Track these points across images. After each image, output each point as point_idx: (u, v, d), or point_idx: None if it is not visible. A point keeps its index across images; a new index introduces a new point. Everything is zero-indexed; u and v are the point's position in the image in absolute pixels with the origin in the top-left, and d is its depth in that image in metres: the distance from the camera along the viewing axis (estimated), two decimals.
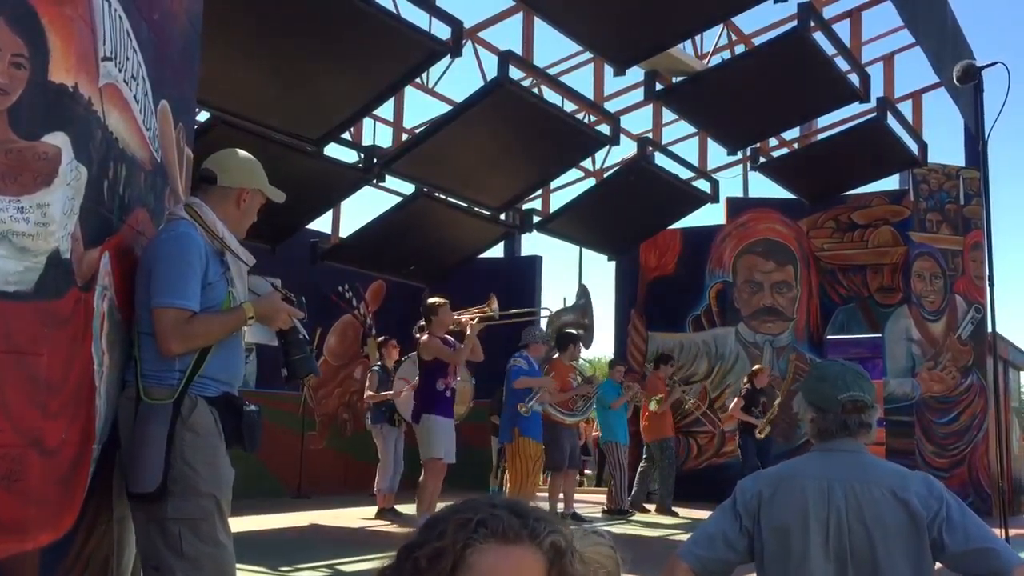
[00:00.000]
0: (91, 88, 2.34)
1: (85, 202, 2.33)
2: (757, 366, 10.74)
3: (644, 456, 10.42)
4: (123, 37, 2.58)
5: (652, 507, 10.36)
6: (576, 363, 8.93)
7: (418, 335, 7.21)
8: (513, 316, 7.66)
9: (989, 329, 12.05)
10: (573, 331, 8.65)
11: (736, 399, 10.16)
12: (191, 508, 2.63)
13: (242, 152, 3.07)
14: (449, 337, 7.07)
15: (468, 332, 6.83)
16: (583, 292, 8.82)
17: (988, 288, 5.74)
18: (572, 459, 8.83)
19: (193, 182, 3.27)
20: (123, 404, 2.68)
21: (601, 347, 71.01)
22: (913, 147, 11.48)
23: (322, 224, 11.31)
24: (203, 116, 8.67)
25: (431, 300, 7.15)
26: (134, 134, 2.70)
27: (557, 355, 8.81)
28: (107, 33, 2.45)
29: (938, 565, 2.21)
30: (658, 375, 10.45)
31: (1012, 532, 6.05)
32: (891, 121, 10.74)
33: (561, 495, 8.85)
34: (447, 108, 10.21)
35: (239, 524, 7.26)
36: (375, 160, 9.57)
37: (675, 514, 9.91)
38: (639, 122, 14.70)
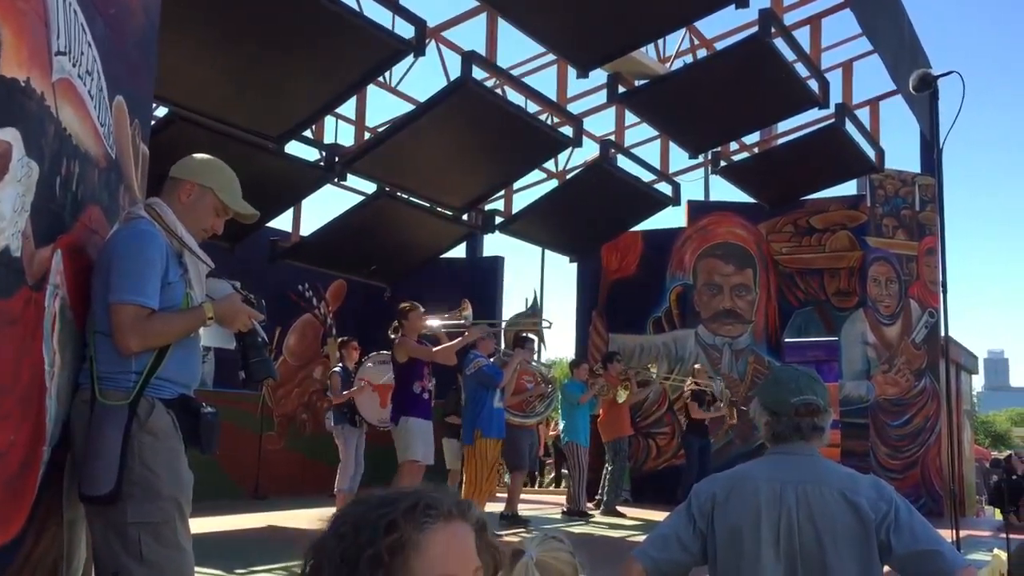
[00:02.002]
0: (44, 83, 2.30)
1: (36, 199, 2.29)
2: (697, 366, 10.95)
3: (606, 457, 10.42)
4: (78, 31, 2.54)
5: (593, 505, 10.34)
6: (532, 365, 8.94)
7: (393, 336, 7.20)
8: (490, 325, 7.67)
9: (942, 333, 12.31)
10: (527, 335, 8.68)
11: (692, 403, 10.29)
12: (152, 512, 2.60)
13: (208, 156, 3.03)
14: (421, 340, 7.07)
15: (467, 333, 6.97)
16: (534, 300, 8.89)
17: (941, 293, 5.84)
18: (528, 460, 8.88)
19: (150, 181, 3.23)
20: (77, 406, 2.64)
21: (562, 348, 71.21)
22: (871, 153, 11.65)
23: (282, 223, 11.24)
24: (162, 112, 8.58)
25: (403, 304, 7.17)
26: (88, 130, 2.66)
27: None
28: (61, 27, 2.41)
29: (887, 568, 2.24)
30: (610, 375, 10.52)
31: (963, 533, 6.17)
32: (849, 127, 10.89)
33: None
34: (410, 107, 10.18)
35: (195, 525, 7.17)
36: (336, 159, 9.52)
37: (621, 515, 9.87)
38: (602, 124, 14.69)
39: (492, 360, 8.01)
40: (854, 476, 2.30)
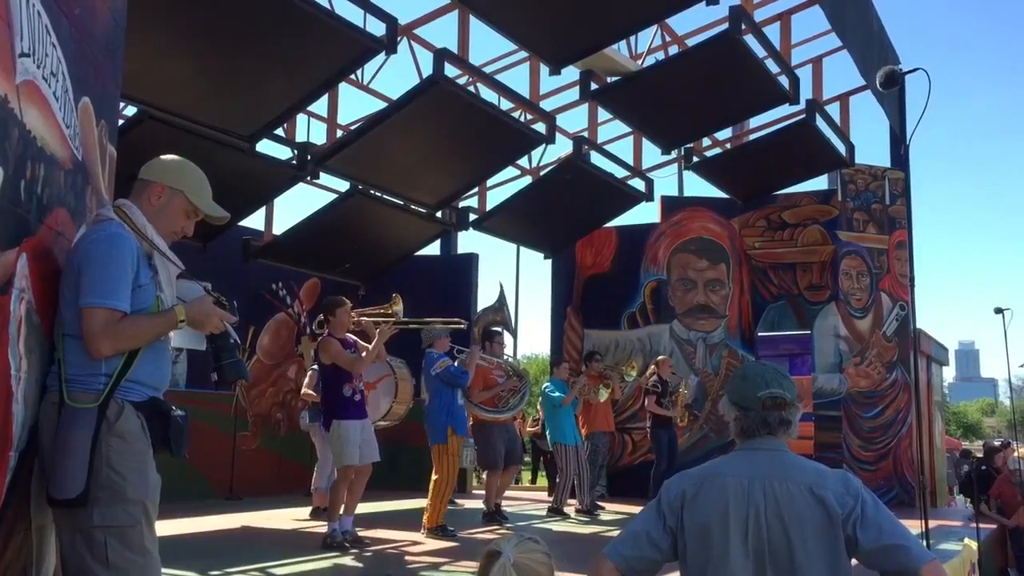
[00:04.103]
0: (7, 85, 2.28)
1: (1, 202, 2.27)
2: (661, 357, 10.95)
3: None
4: (42, 32, 2.52)
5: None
6: (503, 358, 8.95)
7: (320, 330, 7.14)
8: (417, 323, 7.60)
9: (913, 326, 12.44)
10: (496, 328, 8.67)
11: (650, 396, 10.29)
12: (118, 515, 2.58)
13: (179, 157, 3.01)
14: (351, 336, 6.96)
15: (377, 337, 6.73)
16: (500, 294, 8.86)
17: (910, 286, 5.91)
18: (511, 456, 8.83)
19: (118, 182, 3.21)
20: (45, 409, 2.62)
21: (538, 345, 71.32)
22: (841, 148, 11.76)
23: (255, 221, 11.18)
24: (130, 111, 8.51)
25: (330, 298, 7.05)
26: (53, 132, 2.63)
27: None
28: (24, 28, 2.39)
29: (854, 562, 2.27)
30: (591, 374, 10.52)
31: (934, 523, 6.26)
32: (820, 122, 10.98)
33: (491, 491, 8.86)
34: (382, 105, 10.16)
35: (168, 527, 7.15)
36: (309, 157, 9.48)
37: (592, 513, 9.77)
38: (575, 121, 14.82)
39: (456, 362, 8.01)
40: (821, 471, 2.32)
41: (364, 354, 6.77)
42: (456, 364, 7.93)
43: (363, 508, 7.21)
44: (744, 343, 12.24)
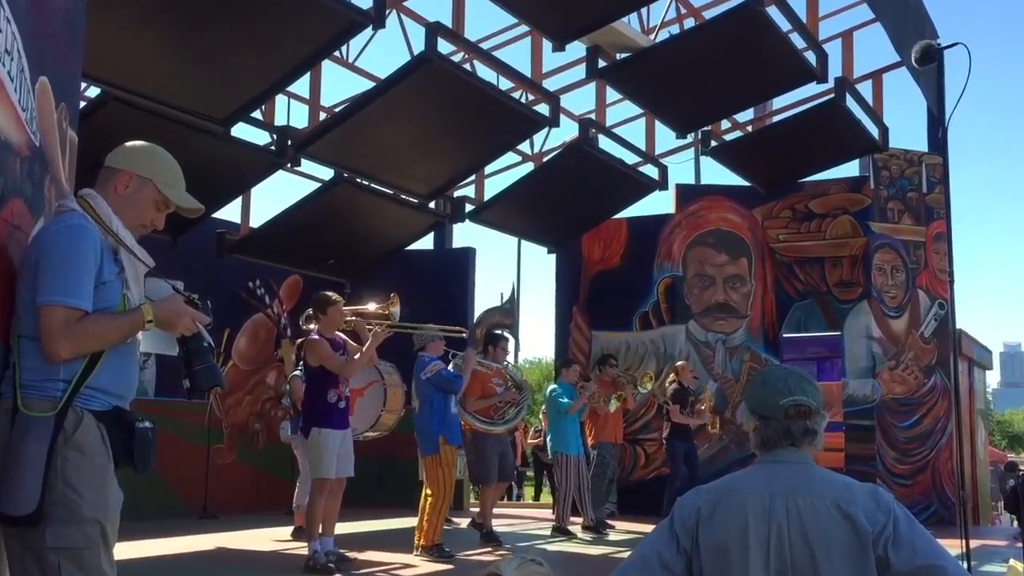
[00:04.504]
0: None
1: None
2: (681, 363, 10.97)
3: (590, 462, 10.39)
4: None
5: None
6: (504, 365, 8.96)
7: (305, 326, 7.16)
8: (412, 328, 7.63)
9: (953, 326, 12.41)
10: (499, 332, 8.69)
11: (673, 406, 10.30)
12: (73, 536, 2.58)
13: (148, 143, 3.01)
14: (341, 336, 6.99)
15: (371, 339, 6.76)
16: (511, 294, 8.88)
17: (950, 283, 5.92)
18: (504, 470, 8.87)
19: (80, 171, 3.21)
20: None
21: (540, 348, 71.33)
22: (873, 131, 11.75)
23: (230, 213, 11.17)
24: (93, 92, 8.51)
25: (323, 294, 7.07)
26: (8, 115, 2.64)
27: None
28: None
29: None
30: (602, 380, 10.51)
31: (976, 543, 6.27)
32: (850, 103, 10.97)
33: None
34: (369, 85, 10.14)
35: (135, 549, 7.16)
36: (289, 142, 9.48)
37: (605, 528, 9.88)
38: (581, 102, 14.77)
39: (451, 365, 8.02)
40: (850, 485, 2.31)
41: (357, 356, 6.79)
42: (450, 368, 7.94)
43: (349, 527, 7.23)
44: (767, 345, 12.24)
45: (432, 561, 7.43)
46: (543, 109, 10.53)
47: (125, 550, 2.73)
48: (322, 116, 10.46)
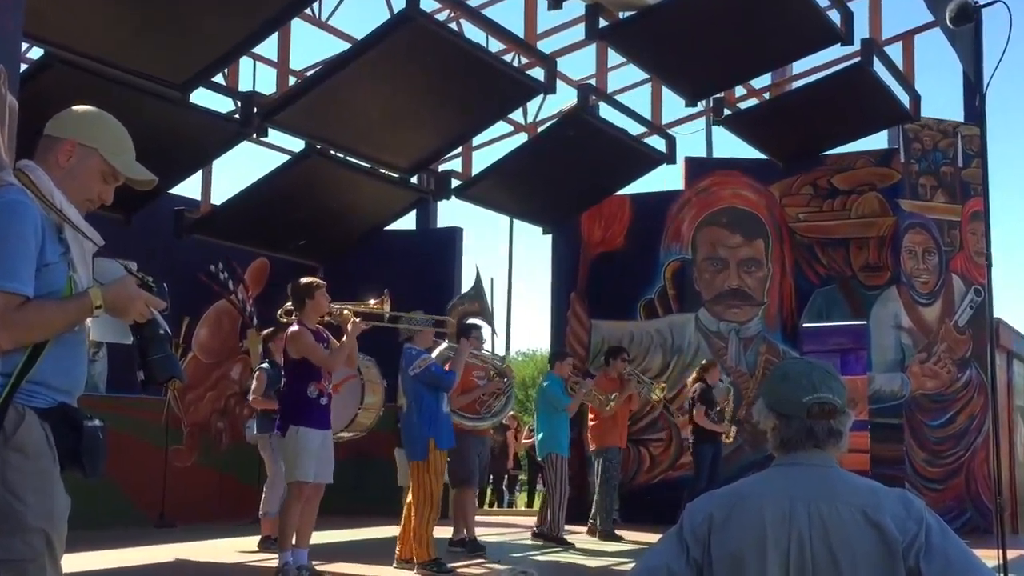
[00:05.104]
0: None
1: None
2: (708, 360, 10.99)
3: (595, 471, 10.43)
4: None
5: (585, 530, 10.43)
6: (481, 352, 8.98)
7: (285, 319, 7.16)
8: (405, 321, 7.64)
9: (989, 314, 12.43)
10: (474, 321, 8.71)
11: (699, 407, 10.32)
12: (16, 547, 2.57)
13: (93, 108, 2.99)
14: (321, 329, 7.01)
15: (349, 330, 6.78)
16: (476, 280, 8.91)
17: (988, 267, 5.93)
18: (480, 474, 8.97)
19: (21, 140, 3.19)
20: None
21: (535, 339, 71.35)
22: (904, 98, 11.76)
23: (190, 189, 11.17)
24: (36, 53, 8.47)
25: (306, 280, 7.07)
26: None
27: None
28: None
29: None
30: (608, 375, 10.51)
31: (1012, 554, 6.29)
32: (878, 67, 10.97)
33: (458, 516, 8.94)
34: (345, 46, 10.12)
35: (86, 560, 7.15)
36: (255, 110, 9.47)
37: (619, 538, 10.01)
38: (580, 66, 14.79)
39: (433, 354, 8.02)
40: (877, 491, 2.32)
41: (338, 347, 6.83)
42: (438, 364, 7.92)
43: (322, 537, 7.23)
44: (785, 336, 12.27)
45: (420, 575, 7.44)
46: (538, 74, 10.50)
47: (76, 561, 2.74)
48: (292, 81, 10.43)
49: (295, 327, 6.82)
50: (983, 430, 11.86)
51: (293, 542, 6.81)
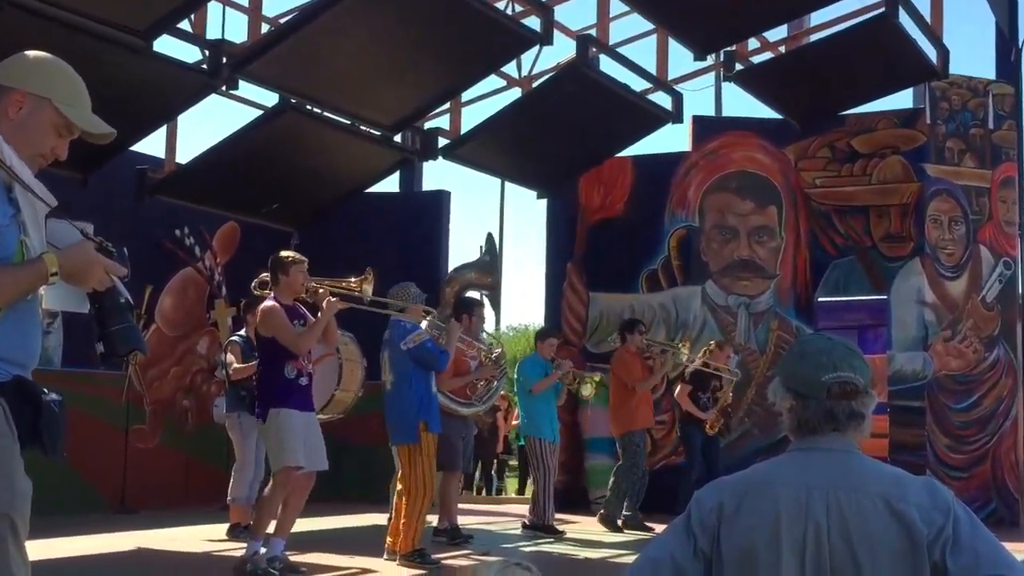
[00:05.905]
0: None
1: None
2: (717, 340, 11.01)
3: (620, 455, 10.48)
4: None
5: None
6: (479, 334, 9.01)
7: (258, 292, 7.16)
8: (384, 307, 7.65)
9: (1020, 289, 12.47)
10: (475, 295, 8.72)
11: (684, 385, 10.36)
12: None
13: (46, 55, 2.96)
14: (297, 304, 7.03)
15: (324, 308, 6.79)
16: (490, 245, 8.87)
17: (1019, 237, 5.93)
18: (464, 459, 9.05)
19: None
20: None
21: (527, 313, 71.56)
22: (931, 54, 11.74)
23: (152, 146, 11.11)
24: None
25: (284, 254, 7.10)
26: None
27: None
28: None
29: None
30: (628, 350, 10.50)
31: None
32: (903, 19, 10.94)
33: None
34: None
35: (42, 548, 7.15)
36: (224, 60, 9.41)
37: (649, 528, 9.96)
38: (578, 15, 14.71)
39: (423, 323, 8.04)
40: (901, 479, 2.32)
41: (310, 327, 6.83)
42: (433, 340, 7.90)
43: (296, 526, 7.25)
44: (799, 311, 12.29)
45: (401, 566, 7.47)
46: (533, 23, 10.47)
47: (30, 549, 2.73)
48: (264, 28, 10.37)
49: (268, 302, 6.82)
50: (1011, 414, 11.92)
51: (274, 532, 6.82)
